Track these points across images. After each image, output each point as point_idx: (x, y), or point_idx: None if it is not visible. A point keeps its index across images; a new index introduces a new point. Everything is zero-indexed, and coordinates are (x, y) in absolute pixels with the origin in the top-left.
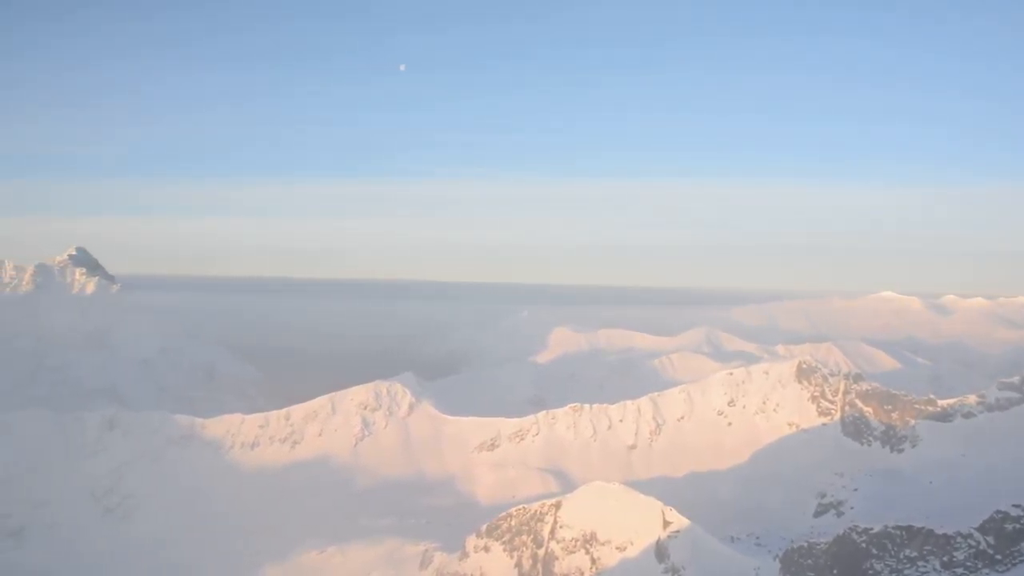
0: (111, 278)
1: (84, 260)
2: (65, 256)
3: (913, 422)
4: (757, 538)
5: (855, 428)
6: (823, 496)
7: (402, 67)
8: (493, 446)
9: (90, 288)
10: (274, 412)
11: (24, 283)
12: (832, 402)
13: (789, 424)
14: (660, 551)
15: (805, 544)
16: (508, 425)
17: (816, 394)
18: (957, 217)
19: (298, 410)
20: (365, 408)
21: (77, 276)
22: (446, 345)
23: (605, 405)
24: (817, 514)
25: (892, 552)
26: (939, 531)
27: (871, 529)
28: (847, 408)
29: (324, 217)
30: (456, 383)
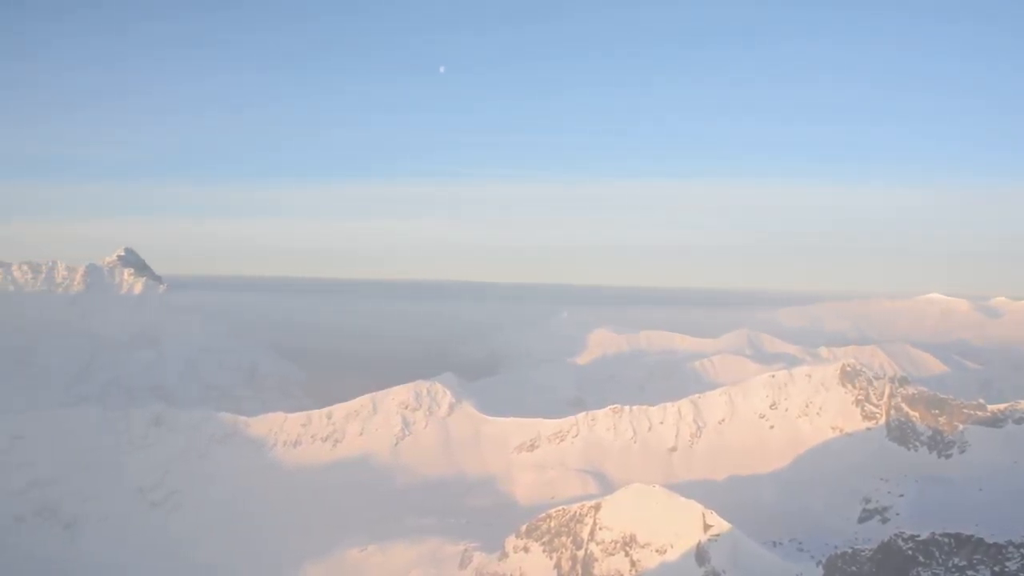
0: (158, 278)
1: (132, 261)
2: (114, 257)
3: (962, 427)
4: (799, 543)
5: (901, 433)
6: (867, 501)
7: (442, 69)
8: (533, 447)
9: (138, 288)
10: (316, 411)
11: (75, 283)
12: (877, 406)
13: (832, 428)
14: (700, 555)
15: (849, 550)
16: (548, 426)
17: (860, 398)
18: (1009, 217)
19: (339, 409)
20: (406, 408)
21: (126, 276)
22: (486, 346)
23: (645, 407)
24: (861, 520)
25: (940, 560)
26: (990, 540)
27: (918, 536)
28: (893, 412)
29: (367, 218)
30: (496, 383)
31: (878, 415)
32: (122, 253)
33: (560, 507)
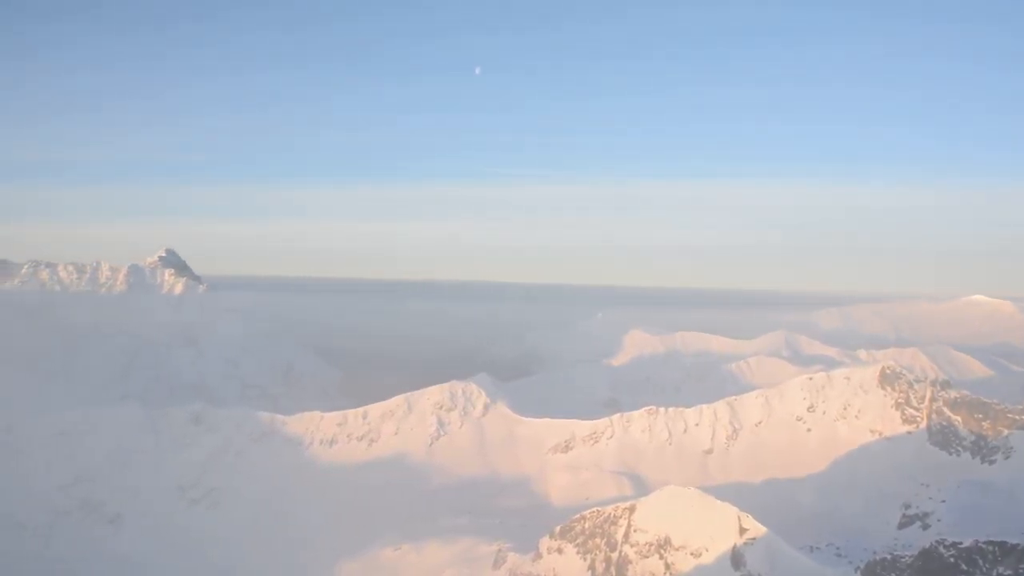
0: (198, 279)
1: (173, 261)
2: (156, 258)
3: (1006, 432)
4: (837, 548)
5: (943, 437)
6: (908, 507)
7: (478, 70)
8: (567, 448)
9: (178, 288)
10: (352, 411)
11: (118, 283)
12: (918, 409)
13: (871, 431)
14: (736, 558)
15: (888, 556)
16: (582, 427)
17: (900, 401)
18: None
19: (375, 409)
20: (440, 408)
21: (167, 277)
22: (521, 346)
23: (681, 408)
24: (901, 526)
25: (983, 569)
26: None
27: (960, 543)
28: (934, 416)
29: (404, 219)
30: (531, 384)
31: (919, 419)
32: (163, 254)
33: (594, 508)
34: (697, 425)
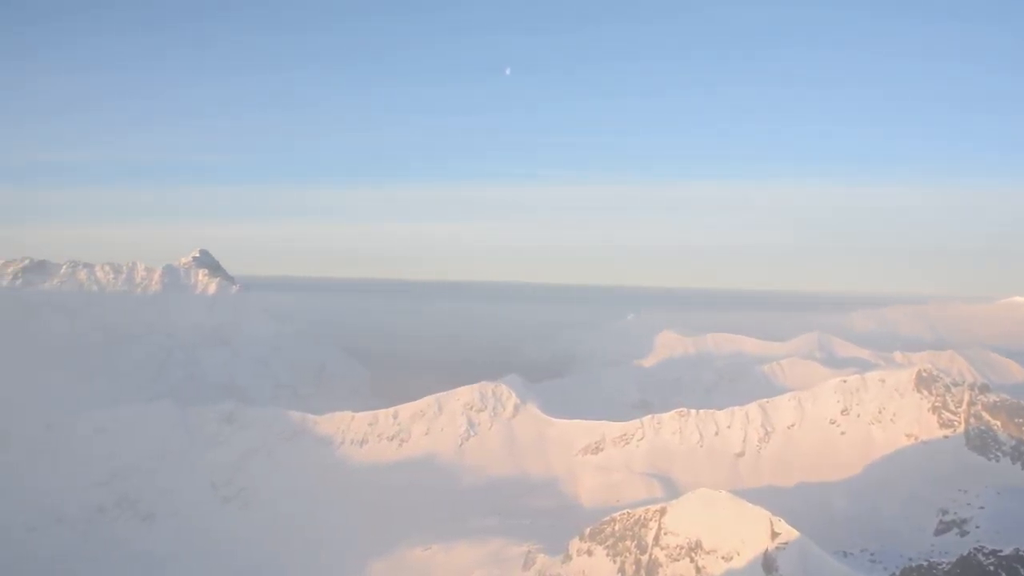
0: (231, 279)
1: (207, 262)
2: (190, 258)
3: None
4: (872, 554)
5: (981, 442)
6: (945, 513)
7: (508, 71)
8: (597, 449)
9: (212, 288)
10: (382, 411)
11: (154, 284)
12: (955, 413)
13: (907, 435)
14: (768, 563)
15: (925, 563)
16: (613, 429)
17: (937, 404)
18: None
19: (405, 409)
20: (471, 409)
21: (200, 277)
22: (552, 347)
23: (712, 411)
24: (938, 532)
25: None
26: None
27: (1000, 551)
28: (972, 420)
29: (433, 221)
30: (561, 385)
31: (956, 423)
32: (197, 254)
33: (625, 511)
34: (729, 427)
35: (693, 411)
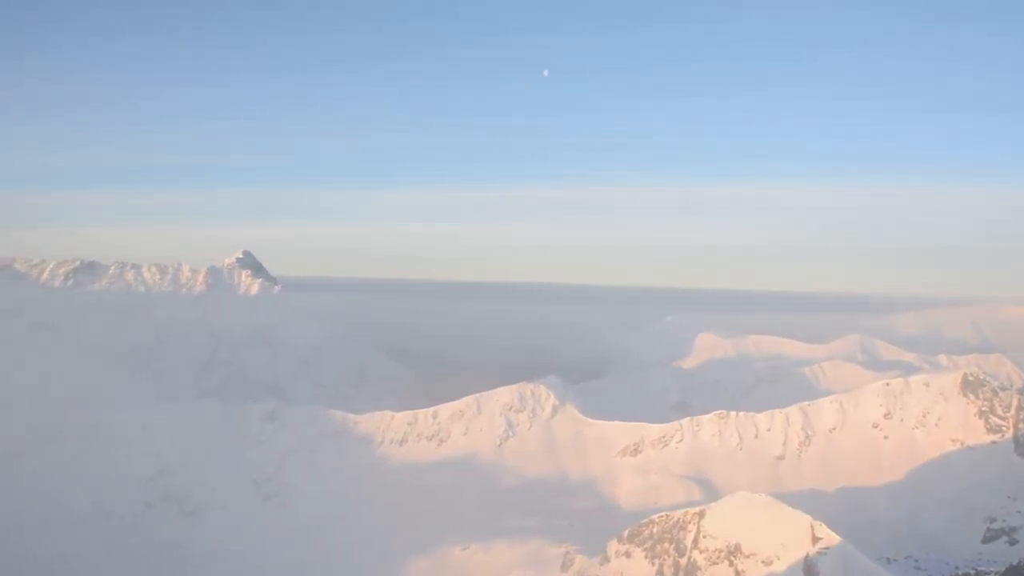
0: (273, 280)
1: (249, 263)
2: (233, 259)
3: None
4: (916, 561)
5: None
6: (992, 520)
7: (545, 72)
8: (636, 451)
9: (254, 289)
10: (422, 410)
11: (198, 284)
12: (1003, 418)
13: (953, 440)
14: (809, 568)
15: (972, 572)
16: (652, 430)
17: (984, 409)
18: None
19: (445, 409)
20: (510, 409)
21: (243, 278)
22: (591, 349)
23: (752, 413)
24: (986, 540)
25: None
26: None
27: None
28: (1021, 425)
29: (472, 222)
30: (600, 387)
31: (1004, 428)
32: (240, 255)
33: (663, 513)
34: (769, 430)
35: (733, 413)
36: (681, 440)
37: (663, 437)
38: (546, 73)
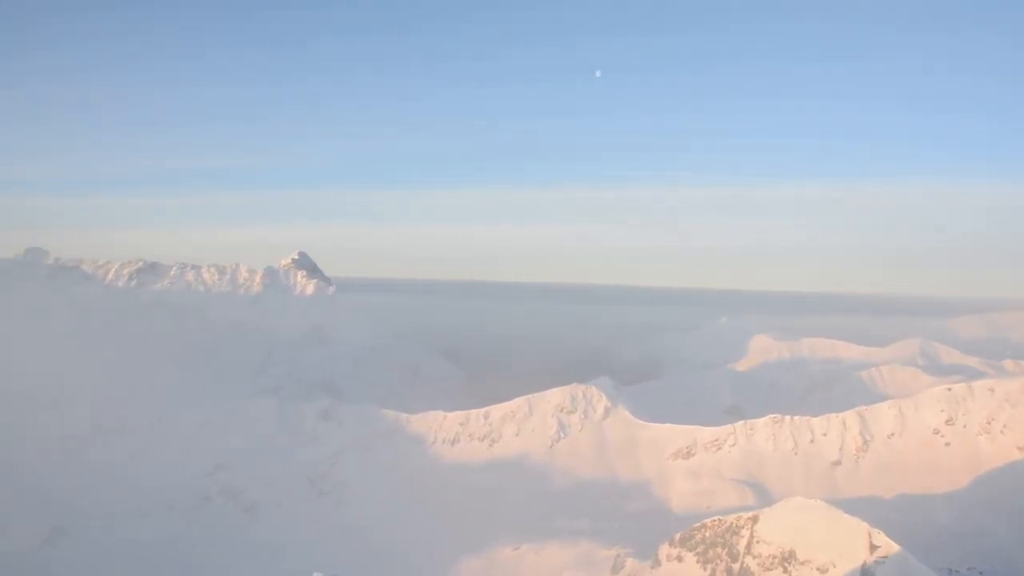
0: (328, 280)
1: (305, 263)
2: (289, 260)
3: None
4: (980, 573)
5: None
6: None
7: (598, 73)
8: (689, 454)
9: (310, 289)
10: (474, 411)
11: (255, 285)
12: None
13: (1018, 448)
14: None
15: None
16: (705, 433)
17: None
18: None
19: (497, 410)
20: (561, 410)
21: (299, 278)
22: (644, 350)
23: (807, 417)
24: None
25: None
26: None
27: None
28: None
29: (524, 223)
30: (653, 389)
31: None
32: (296, 256)
33: (716, 517)
34: (825, 435)
35: (787, 417)
36: (734, 444)
37: (716, 440)
38: (599, 73)
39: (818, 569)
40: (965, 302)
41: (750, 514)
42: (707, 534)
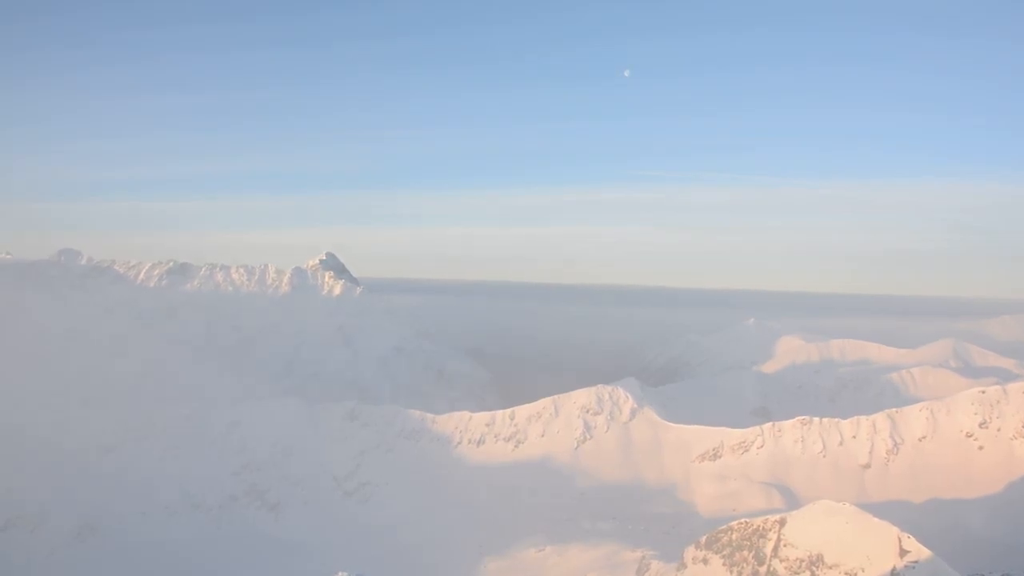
0: (355, 281)
1: (332, 264)
2: (316, 261)
3: None
4: None
5: None
6: None
7: (626, 73)
8: (715, 456)
9: (337, 290)
10: (499, 411)
11: (283, 285)
12: None
13: None
14: None
15: None
16: (731, 435)
17: None
18: None
19: (522, 411)
20: (587, 411)
21: (326, 279)
22: (670, 351)
23: (836, 419)
24: None
25: None
26: None
27: None
28: None
29: (549, 224)
30: (679, 390)
31: None
32: (323, 257)
33: (742, 519)
34: (854, 438)
35: (816, 419)
36: (762, 446)
37: (743, 442)
38: (627, 73)
39: (846, 573)
40: (1000, 303)
41: (777, 517)
42: (733, 536)
